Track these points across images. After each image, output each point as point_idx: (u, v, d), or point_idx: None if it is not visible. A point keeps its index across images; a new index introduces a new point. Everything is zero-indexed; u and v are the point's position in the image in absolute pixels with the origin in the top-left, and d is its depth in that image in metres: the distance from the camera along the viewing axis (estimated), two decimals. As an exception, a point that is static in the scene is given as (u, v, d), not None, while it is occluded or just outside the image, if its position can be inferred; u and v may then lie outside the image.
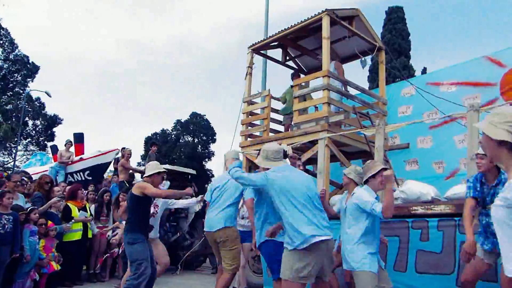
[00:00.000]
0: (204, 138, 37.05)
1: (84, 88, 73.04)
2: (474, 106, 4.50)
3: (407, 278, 4.23)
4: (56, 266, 6.03)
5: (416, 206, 4.52)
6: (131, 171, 9.95)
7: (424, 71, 21.29)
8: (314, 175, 7.00)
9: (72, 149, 10.26)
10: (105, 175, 10.30)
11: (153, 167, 4.67)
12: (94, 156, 9.53)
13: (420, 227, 4.31)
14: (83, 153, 10.32)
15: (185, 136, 37.32)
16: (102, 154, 9.51)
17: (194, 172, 11.04)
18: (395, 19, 21.12)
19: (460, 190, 4.45)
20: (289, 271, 3.10)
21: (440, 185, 5.10)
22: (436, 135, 7.51)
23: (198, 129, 36.92)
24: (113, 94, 74.44)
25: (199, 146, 36.89)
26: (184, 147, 35.69)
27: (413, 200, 4.63)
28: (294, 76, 8.46)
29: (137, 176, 10.46)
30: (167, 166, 10.74)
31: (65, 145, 10.13)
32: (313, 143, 6.86)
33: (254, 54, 8.72)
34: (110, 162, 9.82)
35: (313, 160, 7.34)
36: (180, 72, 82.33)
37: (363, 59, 8.37)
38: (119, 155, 9.73)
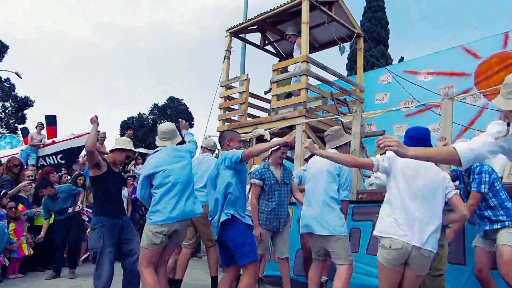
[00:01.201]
0: (182, 122, 36.67)
1: (58, 70, 70.99)
2: (448, 94, 4.56)
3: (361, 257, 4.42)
4: (27, 251, 5.88)
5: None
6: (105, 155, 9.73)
7: (401, 60, 21.48)
8: (291, 160, 7.01)
9: (44, 131, 9.97)
10: (81, 159, 10.07)
11: (117, 143, 4.40)
12: (68, 139, 9.29)
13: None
14: (55, 136, 10.05)
15: (162, 121, 36.82)
16: (76, 137, 9.28)
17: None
18: (375, 7, 21.16)
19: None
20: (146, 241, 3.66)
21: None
22: (412, 123, 7.58)
23: (176, 113, 36.47)
24: (88, 76, 72.67)
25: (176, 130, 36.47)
26: (161, 131, 35.24)
27: (384, 185, 4.68)
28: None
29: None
30: (142, 150, 10.60)
31: (36, 128, 9.84)
32: (291, 128, 6.86)
33: (232, 37, 8.59)
34: (84, 146, 9.58)
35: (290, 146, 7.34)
36: (158, 56, 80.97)
37: (341, 45, 8.35)
38: (94, 138, 9.48)
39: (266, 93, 8.54)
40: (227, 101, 8.31)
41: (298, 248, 5.02)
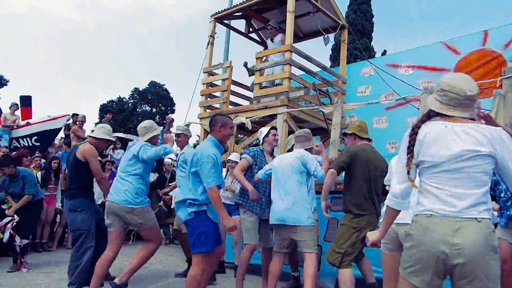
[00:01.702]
0: (163, 108, 36.27)
1: (35, 48, 68.96)
2: (428, 89, 4.63)
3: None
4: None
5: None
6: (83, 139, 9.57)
7: (384, 53, 21.68)
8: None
9: (18, 112, 9.69)
10: (57, 142, 9.87)
11: (104, 131, 4.36)
12: (43, 121, 9.05)
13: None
14: (30, 118, 9.78)
15: (142, 105, 36.36)
16: (52, 119, 9.05)
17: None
18: (361, -1, 21.21)
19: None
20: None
21: (392, 165, 5.25)
22: (391, 116, 7.71)
23: (157, 98, 36.04)
24: (67, 56, 70.89)
25: (157, 116, 36.09)
26: (141, 116, 34.80)
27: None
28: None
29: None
30: (120, 135, 10.46)
31: (10, 108, 9.56)
32: (272, 117, 6.86)
33: (216, 23, 8.49)
34: (61, 129, 9.38)
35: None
36: (141, 39, 79.55)
37: (326, 36, 8.36)
38: (70, 121, 9.31)
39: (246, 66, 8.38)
40: (209, 87, 8.23)
41: None
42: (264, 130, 4.57)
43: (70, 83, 72.36)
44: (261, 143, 4.57)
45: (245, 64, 8.36)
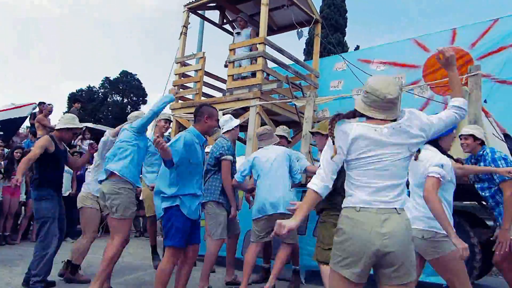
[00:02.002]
0: (134, 98, 35.58)
1: (0, 34, 66.21)
2: (398, 85, 4.71)
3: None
4: None
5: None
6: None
7: (357, 48, 21.96)
8: (244, 141, 7.02)
9: (-19, 100, 9.31)
10: (23, 131, 9.53)
11: (65, 121, 4.22)
12: (7, 109, 8.70)
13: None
14: (-5, 105, 9.40)
15: (113, 95, 35.56)
16: (17, 107, 8.72)
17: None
18: (335, -6, 21.36)
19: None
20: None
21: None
22: (363, 111, 7.81)
23: (128, 88, 35.31)
24: (34, 43, 68.43)
25: (129, 106, 35.39)
26: (112, 106, 34.06)
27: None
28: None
29: None
30: (90, 125, 10.20)
31: (-27, 95, 9.16)
32: (245, 109, 6.84)
33: (190, 13, 8.36)
34: (26, 117, 9.05)
35: (243, 127, 7.34)
36: (113, 27, 77.61)
37: (299, 30, 8.38)
38: (37, 110, 9.00)
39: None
40: (182, 78, 8.12)
41: (248, 230, 5.05)
42: (235, 121, 4.53)
43: (38, 71, 70.00)
44: (224, 131, 4.48)
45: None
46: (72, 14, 77.62)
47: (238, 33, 7.82)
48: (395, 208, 1.93)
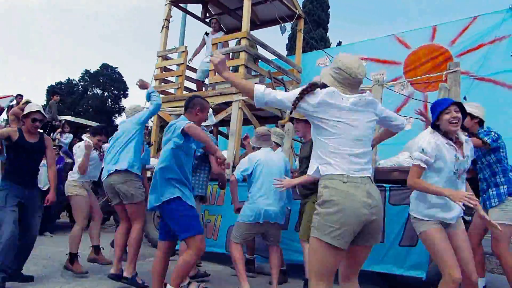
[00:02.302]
0: (115, 92, 35.04)
1: (-25, 24, 64.36)
2: (379, 81, 4.79)
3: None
4: None
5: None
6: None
7: (339, 44, 22.09)
8: (226, 136, 7.00)
9: (-44, 91, 9.05)
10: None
11: (27, 109, 4.13)
12: (-21, 101, 8.47)
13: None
14: (-32, 96, 9.16)
15: (94, 89, 34.95)
16: (-7, 99, 8.50)
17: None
18: (317, -11, 21.40)
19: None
20: None
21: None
22: (344, 106, 7.88)
23: (109, 81, 34.75)
24: (12, 34, 66.66)
25: (109, 100, 34.87)
26: (92, 99, 33.49)
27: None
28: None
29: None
30: (69, 118, 10.03)
31: None
32: (227, 104, 6.81)
33: (172, 6, 8.26)
34: (3, 109, 8.84)
35: (226, 122, 7.32)
36: (93, 19, 76.19)
37: (282, 25, 8.37)
38: (14, 102, 8.80)
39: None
40: (164, 72, 8.04)
41: (230, 225, 5.06)
42: (213, 117, 4.63)
43: (16, 63, 68.23)
44: (205, 125, 4.49)
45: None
46: (51, 5, 75.83)
47: (207, 34, 7.83)
48: (369, 177, 2.11)
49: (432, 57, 6.92)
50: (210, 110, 4.55)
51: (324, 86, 2.18)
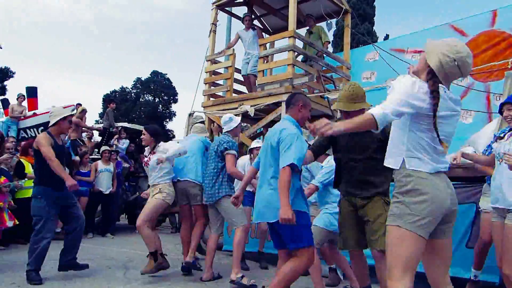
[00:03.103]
0: (165, 98, 36.15)
1: (39, 40, 68.82)
2: (436, 72, 4.54)
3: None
4: (8, 223, 5.78)
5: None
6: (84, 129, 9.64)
7: (386, 38, 21.43)
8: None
9: (25, 103, 9.74)
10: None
11: (57, 113, 4.30)
12: (49, 112, 9.04)
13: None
14: (36, 108, 9.83)
15: (145, 95, 36.25)
16: (57, 110, 9.04)
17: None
18: (362, -17, 20.91)
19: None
20: None
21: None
22: (397, 102, 7.60)
23: (159, 88, 35.90)
24: (70, 47, 70.72)
25: (160, 105, 36.02)
26: (144, 106, 34.74)
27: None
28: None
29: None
30: (125, 125, 10.44)
31: (17, 99, 9.59)
32: (277, 105, 6.80)
33: (218, 10, 8.39)
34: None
35: (275, 123, 7.29)
36: (142, 28, 79.12)
37: (329, 21, 8.25)
38: (75, 111, 9.30)
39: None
40: (213, 76, 8.17)
41: None
42: (234, 121, 4.53)
43: (73, 75, 72.28)
44: (227, 130, 4.50)
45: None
46: (101, 18, 79.60)
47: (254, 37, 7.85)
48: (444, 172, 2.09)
49: (493, 43, 6.47)
50: (227, 116, 4.58)
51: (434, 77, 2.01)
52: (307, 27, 8.06)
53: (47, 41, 72.86)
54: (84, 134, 9.64)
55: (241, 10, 9.08)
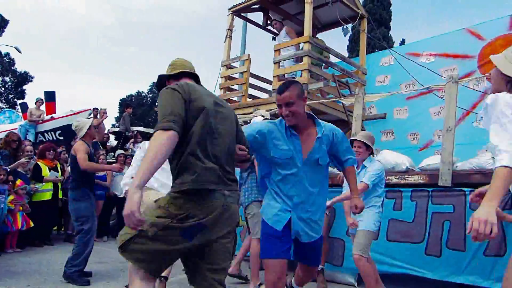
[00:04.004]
0: (180, 102, 36.38)
1: (57, 45, 70.23)
2: (453, 77, 4.50)
3: (378, 246, 4.31)
4: (20, 224, 5.89)
5: (390, 176, 4.56)
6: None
7: (402, 42, 21.29)
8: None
9: (43, 107, 9.96)
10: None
11: (82, 125, 4.56)
12: (66, 116, 9.25)
13: (394, 197, 4.37)
14: (54, 112, 10.04)
15: (161, 100, 36.59)
16: (75, 113, 9.25)
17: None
18: (378, -12, 20.81)
19: (434, 161, 4.51)
20: None
21: (414, 156, 5.16)
22: (412, 106, 7.55)
23: (175, 92, 36.18)
24: (87, 52, 71.95)
25: (176, 110, 36.27)
26: (160, 110, 35.05)
27: (388, 170, 4.67)
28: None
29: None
30: (141, 129, 10.57)
31: (35, 103, 9.79)
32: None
33: (234, 16, 8.45)
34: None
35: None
36: (158, 33, 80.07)
37: (345, 26, 8.23)
38: (92, 115, 9.46)
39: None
40: (228, 81, 8.22)
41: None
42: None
43: (90, 78, 73.49)
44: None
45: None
46: (119, 23, 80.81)
47: (276, 35, 7.89)
48: None
49: (511, 47, 6.38)
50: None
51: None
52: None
53: (66, 45, 74.31)
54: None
55: (257, 16, 9.14)
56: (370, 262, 3.55)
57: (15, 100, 28.53)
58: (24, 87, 29.77)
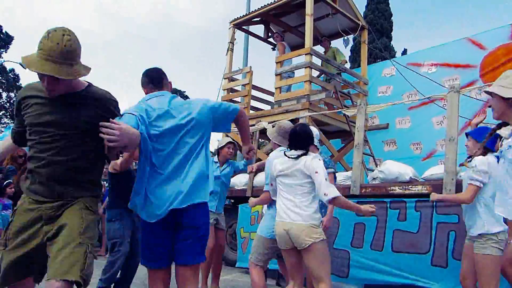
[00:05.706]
0: (184, 114, 36.52)
1: (60, 61, 71.07)
2: (455, 87, 4.50)
3: (383, 257, 4.28)
4: None
5: (394, 186, 4.54)
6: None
7: (404, 52, 21.33)
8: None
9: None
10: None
11: None
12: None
13: (398, 207, 4.34)
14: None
15: (164, 112, 36.73)
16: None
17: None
18: (379, -2, 20.95)
19: (438, 171, 4.49)
20: None
21: (417, 166, 5.14)
22: (415, 116, 7.55)
23: (178, 105, 36.33)
24: (92, 66, 72.75)
25: (179, 122, 36.38)
26: (163, 123, 35.17)
27: (391, 180, 4.65)
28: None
29: None
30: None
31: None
32: (294, 121, 6.81)
33: (235, 29, 8.53)
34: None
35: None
36: (160, 47, 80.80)
37: (346, 38, 8.29)
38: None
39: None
40: (230, 93, 8.26)
41: None
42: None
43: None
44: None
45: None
46: (121, 37, 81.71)
47: (274, 49, 8.08)
48: None
49: (513, 57, 6.40)
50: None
51: None
52: (323, 49, 8.17)
53: (70, 61, 75.39)
54: None
55: (258, 29, 9.23)
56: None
57: (20, 115, 28.71)
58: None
